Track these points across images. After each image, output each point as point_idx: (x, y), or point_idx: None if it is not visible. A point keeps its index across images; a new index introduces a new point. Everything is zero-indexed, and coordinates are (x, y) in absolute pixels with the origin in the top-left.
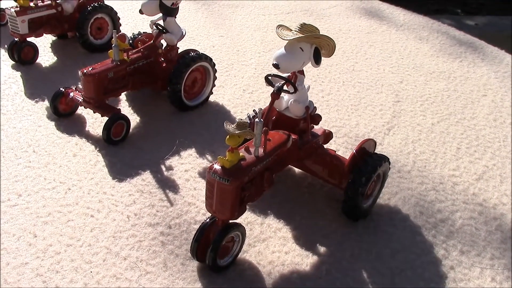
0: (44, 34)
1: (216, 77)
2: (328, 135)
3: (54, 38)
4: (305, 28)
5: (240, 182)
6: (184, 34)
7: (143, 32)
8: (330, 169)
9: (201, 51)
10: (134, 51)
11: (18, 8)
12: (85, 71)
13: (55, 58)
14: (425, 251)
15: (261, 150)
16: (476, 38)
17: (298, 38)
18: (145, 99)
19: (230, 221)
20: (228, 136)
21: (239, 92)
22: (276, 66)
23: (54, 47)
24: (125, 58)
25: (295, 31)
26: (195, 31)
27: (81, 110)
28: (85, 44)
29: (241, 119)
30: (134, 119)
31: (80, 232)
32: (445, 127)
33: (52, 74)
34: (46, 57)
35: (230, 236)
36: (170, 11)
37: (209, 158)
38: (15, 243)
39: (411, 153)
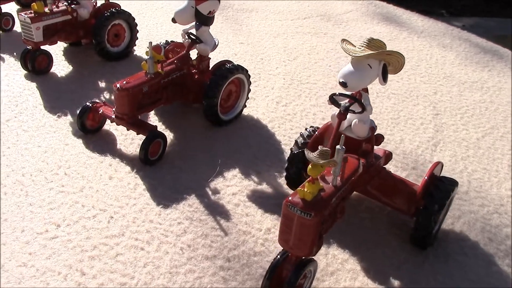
0: (58, 42)
1: (250, 90)
2: (388, 156)
3: (66, 45)
4: (373, 43)
5: (322, 215)
6: (217, 44)
7: (171, 41)
8: (396, 194)
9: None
10: (167, 62)
11: (32, 14)
12: (118, 85)
13: (70, 67)
14: (503, 283)
15: (338, 179)
16: (499, 45)
17: (368, 55)
18: (175, 112)
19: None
20: (310, 166)
21: (273, 105)
22: (343, 84)
23: (68, 55)
24: (160, 70)
25: (362, 46)
26: None
27: (108, 126)
28: (101, 52)
29: (322, 147)
30: (167, 136)
31: (133, 268)
32: (491, 142)
33: (70, 85)
34: (60, 66)
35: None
36: (206, 20)
37: (255, 179)
38: (62, 283)
39: (464, 171)
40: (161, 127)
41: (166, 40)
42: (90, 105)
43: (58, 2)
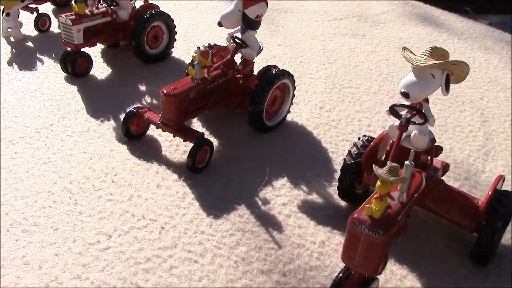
0: (97, 43)
1: (294, 95)
2: (445, 168)
3: (103, 46)
4: (436, 52)
5: (390, 234)
6: (261, 48)
7: (214, 44)
8: (456, 208)
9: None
10: (213, 67)
11: (73, 16)
12: (165, 91)
13: (110, 70)
14: None
15: (404, 195)
16: None
17: (432, 65)
18: (218, 118)
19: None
20: (379, 183)
21: (316, 110)
22: (405, 95)
23: (106, 56)
24: (206, 76)
25: (425, 55)
26: None
27: (152, 131)
28: (140, 54)
29: (391, 163)
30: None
31: (188, 282)
32: None
33: (111, 88)
34: (99, 69)
35: None
36: (253, 24)
37: (305, 189)
38: None
39: None
40: (204, 133)
41: (209, 44)
42: (135, 110)
43: (98, 3)
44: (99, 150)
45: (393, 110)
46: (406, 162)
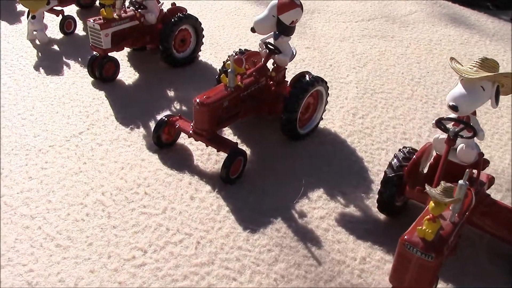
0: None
1: (327, 101)
2: (491, 181)
3: (129, 50)
4: (486, 63)
5: (443, 256)
6: (294, 54)
7: (245, 50)
8: (503, 224)
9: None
10: (246, 74)
11: (101, 21)
12: (198, 100)
13: (137, 74)
14: None
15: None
16: None
17: (483, 77)
18: (248, 125)
19: None
20: (432, 204)
21: (349, 117)
22: (454, 108)
23: (133, 60)
24: (239, 83)
25: (474, 66)
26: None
27: (182, 139)
28: (168, 58)
29: (445, 183)
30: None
31: None
32: None
33: (139, 94)
34: (126, 73)
35: None
36: (287, 30)
37: (342, 201)
38: None
39: None
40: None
41: (240, 49)
42: (166, 119)
43: (125, 7)
44: (130, 159)
45: (440, 124)
46: (461, 181)
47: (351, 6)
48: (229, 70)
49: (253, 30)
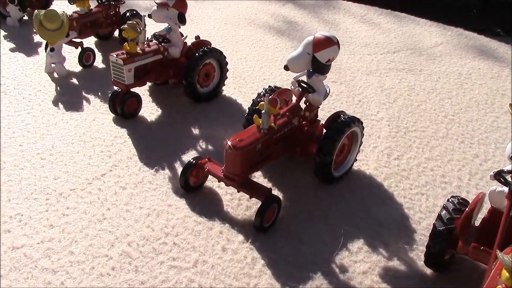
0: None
1: (362, 142)
2: None
3: (150, 84)
4: None
5: None
6: (328, 92)
7: (274, 87)
8: None
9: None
10: (280, 115)
11: (125, 55)
12: (231, 143)
13: (159, 110)
14: None
15: None
16: None
17: None
18: (279, 166)
19: None
20: (506, 274)
21: (384, 158)
22: None
23: (155, 95)
24: (273, 125)
25: None
26: None
27: (210, 182)
28: (192, 93)
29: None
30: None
31: None
32: None
33: (162, 131)
34: (148, 109)
35: None
36: (323, 69)
37: (384, 253)
38: None
39: None
40: (271, 188)
41: (269, 86)
42: (194, 161)
43: (148, 40)
44: (156, 205)
45: (499, 176)
46: None
47: (374, 38)
48: (263, 111)
49: (286, 68)
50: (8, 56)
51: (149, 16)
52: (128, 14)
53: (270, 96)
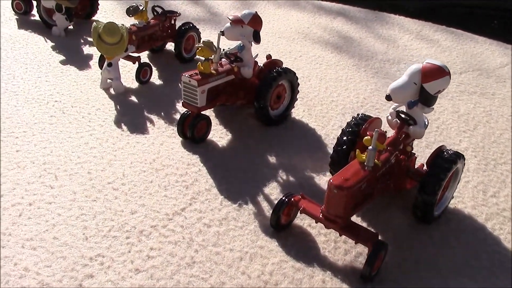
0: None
1: (460, 179)
2: None
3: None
4: None
5: None
6: (427, 124)
7: (363, 115)
8: None
9: None
10: (384, 151)
11: (198, 76)
12: (335, 183)
13: (229, 134)
14: None
15: None
16: None
17: None
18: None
19: None
20: None
21: (479, 195)
22: None
23: (222, 118)
24: (377, 162)
25: None
26: None
27: (300, 220)
28: (263, 117)
29: None
30: None
31: None
32: None
33: (236, 158)
34: (218, 132)
35: None
36: (430, 100)
37: None
38: None
39: None
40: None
41: (358, 114)
42: (287, 199)
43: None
44: (247, 246)
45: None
46: None
47: (437, 57)
48: (370, 147)
49: (388, 98)
50: (59, 69)
51: (222, 33)
52: (183, 27)
53: (379, 131)
